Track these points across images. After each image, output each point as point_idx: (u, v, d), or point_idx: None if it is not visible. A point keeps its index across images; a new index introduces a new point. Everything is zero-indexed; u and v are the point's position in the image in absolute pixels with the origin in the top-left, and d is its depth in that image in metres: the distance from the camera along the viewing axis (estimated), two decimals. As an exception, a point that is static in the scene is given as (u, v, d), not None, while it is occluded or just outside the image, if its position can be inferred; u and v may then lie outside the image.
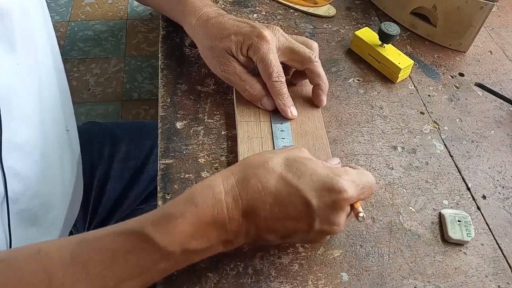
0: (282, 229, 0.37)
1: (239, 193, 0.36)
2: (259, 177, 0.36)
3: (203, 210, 0.35)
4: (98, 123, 0.79)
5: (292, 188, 0.36)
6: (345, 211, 0.37)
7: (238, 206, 0.35)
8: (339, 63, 0.62)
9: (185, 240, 0.34)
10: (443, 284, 0.42)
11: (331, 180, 0.36)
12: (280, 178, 0.36)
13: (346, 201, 0.37)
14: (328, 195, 0.36)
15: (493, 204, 0.49)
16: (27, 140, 0.47)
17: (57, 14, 1.87)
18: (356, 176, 0.38)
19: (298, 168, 0.36)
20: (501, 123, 0.58)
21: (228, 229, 0.36)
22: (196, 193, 0.35)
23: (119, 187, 0.73)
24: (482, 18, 0.61)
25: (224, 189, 0.35)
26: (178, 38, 0.62)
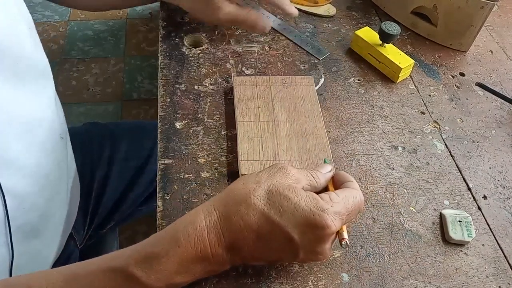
0: (268, 258, 0.38)
1: (222, 231, 0.36)
2: (241, 214, 0.36)
3: (186, 248, 0.35)
4: (98, 123, 0.79)
5: (274, 225, 0.35)
6: (329, 241, 0.37)
7: (221, 242, 0.36)
8: (340, 62, 0.62)
9: (169, 277, 0.35)
10: (444, 284, 0.42)
11: (313, 217, 0.35)
12: (261, 215, 0.36)
13: (330, 235, 0.36)
14: (312, 231, 0.35)
15: (494, 205, 0.49)
16: (19, 155, 0.47)
17: (57, 14, 1.87)
18: (341, 203, 0.37)
19: (281, 203, 0.36)
20: (502, 123, 0.58)
21: (212, 262, 0.36)
22: (179, 231, 0.36)
23: (119, 187, 0.73)
24: (483, 17, 0.61)
25: (206, 227, 0.36)
26: (178, 38, 0.62)
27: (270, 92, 0.55)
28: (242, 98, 0.53)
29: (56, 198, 0.56)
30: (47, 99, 0.53)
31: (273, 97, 0.54)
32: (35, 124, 0.49)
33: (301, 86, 0.55)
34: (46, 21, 1.83)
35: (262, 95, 0.54)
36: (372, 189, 0.49)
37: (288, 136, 0.50)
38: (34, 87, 0.49)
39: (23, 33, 0.46)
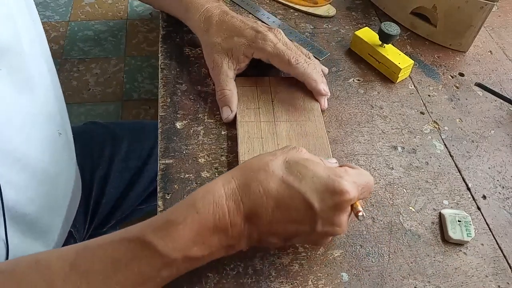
0: (285, 231, 0.37)
1: (241, 198, 0.35)
2: (260, 180, 0.36)
3: (205, 215, 0.34)
4: (98, 123, 0.79)
5: (294, 191, 0.35)
6: (347, 211, 0.37)
7: (240, 210, 0.35)
8: (339, 63, 0.62)
9: (187, 247, 0.34)
10: (443, 284, 0.42)
11: (333, 182, 0.36)
12: (281, 182, 0.36)
13: (348, 202, 0.36)
14: (331, 197, 0.36)
15: (493, 204, 0.49)
16: (19, 146, 0.47)
17: (57, 14, 1.87)
18: (356, 176, 0.38)
19: (299, 171, 0.36)
20: (501, 123, 0.58)
21: (230, 234, 0.35)
22: (197, 199, 0.35)
23: (120, 187, 0.73)
24: (482, 18, 0.61)
25: (225, 194, 0.35)
26: (178, 38, 0.62)
27: (270, 93, 0.55)
28: (242, 99, 0.53)
29: (55, 194, 0.56)
30: (46, 94, 0.53)
31: (273, 98, 0.54)
32: (35, 117, 0.50)
33: (301, 86, 0.55)
34: (47, 21, 1.83)
35: (263, 96, 0.54)
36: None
37: (288, 136, 0.50)
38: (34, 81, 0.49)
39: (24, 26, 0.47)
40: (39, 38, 0.53)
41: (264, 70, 0.58)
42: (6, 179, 0.45)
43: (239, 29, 0.53)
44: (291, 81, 0.56)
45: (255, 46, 0.52)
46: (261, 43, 0.52)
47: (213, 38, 0.53)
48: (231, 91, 0.52)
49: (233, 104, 0.52)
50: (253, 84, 0.55)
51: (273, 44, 0.52)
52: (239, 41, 0.52)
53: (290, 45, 0.53)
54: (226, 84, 0.52)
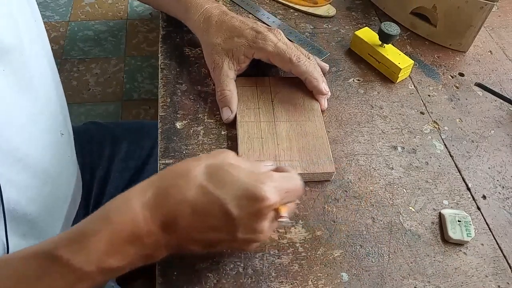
0: (205, 239, 0.36)
1: (157, 206, 0.34)
2: (180, 187, 0.35)
3: (118, 226, 0.33)
4: (98, 123, 0.79)
5: (213, 198, 0.34)
6: (268, 218, 0.36)
7: (156, 219, 0.34)
8: (339, 63, 0.62)
9: (100, 259, 0.33)
10: (443, 284, 0.42)
11: (252, 188, 0.35)
12: (200, 188, 0.35)
13: (268, 209, 0.35)
14: (250, 204, 0.34)
15: (493, 204, 0.49)
16: (20, 146, 0.47)
17: (57, 14, 1.87)
18: (280, 181, 0.37)
19: (221, 177, 0.35)
20: (501, 123, 0.58)
21: (146, 244, 0.34)
22: (111, 209, 0.34)
23: (120, 187, 0.73)
24: (482, 18, 0.61)
25: (140, 203, 0.34)
26: (178, 38, 0.62)
27: (270, 93, 0.55)
28: (242, 99, 0.53)
29: (56, 195, 0.56)
30: (48, 94, 0.53)
31: (273, 98, 0.54)
32: (36, 118, 0.50)
33: (301, 86, 0.55)
34: (47, 21, 1.83)
35: (262, 96, 0.54)
36: (372, 189, 0.49)
37: (288, 136, 0.50)
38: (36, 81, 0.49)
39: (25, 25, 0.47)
40: (40, 38, 0.53)
41: (264, 70, 0.58)
42: (7, 178, 0.45)
43: (239, 30, 0.53)
44: (291, 81, 0.56)
45: (255, 47, 0.52)
46: (262, 43, 0.52)
47: (213, 39, 0.53)
48: (231, 92, 0.52)
49: (233, 104, 0.52)
50: (253, 84, 0.56)
51: (274, 44, 0.52)
52: (239, 42, 0.52)
53: (290, 45, 0.53)
54: (226, 85, 0.52)
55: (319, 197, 0.48)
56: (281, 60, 0.52)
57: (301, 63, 0.52)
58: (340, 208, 0.47)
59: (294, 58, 0.52)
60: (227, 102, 0.52)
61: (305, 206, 0.47)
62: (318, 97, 0.54)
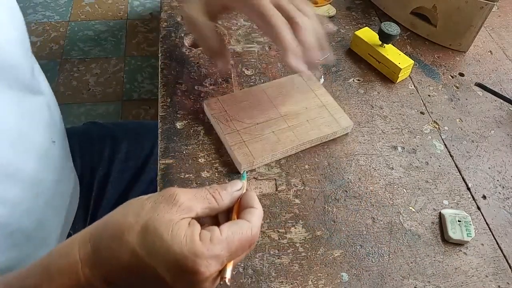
0: None
1: (95, 264, 0.33)
2: (113, 250, 0.33)
3: (59, 282, 0.33)
4: (98, 123, 0.79)
5: (146, 266, 0.33)
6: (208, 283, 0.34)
7: (96, 275, 0.33)
8: (339, 63, 0.62)
9: None
10: (443, 284, 0.42)
11: (185, 262, 0.32)
12: (133, 254, 0.33)
13: (204, 281, 0.33)
14: (183, 276, 0.33)
15: (493, 204, 0.49)
16: (10, 162, 0.46)
17: (57, 14, 1.87)
18: (224, 244, 0.33)
19: (154, 243, 0.33)
20: (501, 123, 0.58)
21: None
22: (52, 264, 0.34)
23: (120, 187, 0.73)
24: (482, 18, 0.61)
25: (80, 259, 0.33)
26: (178, 38, 0.62)
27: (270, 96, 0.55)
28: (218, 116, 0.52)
29: (53, 203, 0.55)
30: (38, 105, 0.52)
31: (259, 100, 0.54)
32: (25, 130, 0.48)
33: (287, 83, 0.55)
34: (47, 21, 1.83)
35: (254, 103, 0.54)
36: (372, 189, 0.49)
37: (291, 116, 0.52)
38: (23, 94, 0.48)
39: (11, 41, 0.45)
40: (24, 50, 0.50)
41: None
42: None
43: None
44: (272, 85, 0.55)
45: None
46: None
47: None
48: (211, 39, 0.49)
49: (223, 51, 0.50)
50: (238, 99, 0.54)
51: None
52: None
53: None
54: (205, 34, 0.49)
55: (319, 197, 0.48)
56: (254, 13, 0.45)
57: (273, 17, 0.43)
58: (340, 208, 0.47)
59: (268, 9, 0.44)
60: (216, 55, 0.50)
61: (305, 206, 0.47)
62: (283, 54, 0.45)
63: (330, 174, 0.49)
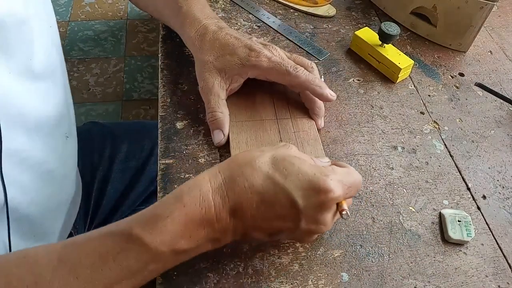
0: (269, 227, 0.38)
1: (226, 192, 0.36)
2: (246, 175, 0.36)
3: (191, 209, 0.35)
4: (98, 123, 0.79)
5: (279, 188, 0.36)
6: (332, 210, 0.37)
7: (226, 204, 0.35)
8: (339, 63, 0.62)
9: (174, 240, 0.34)
10: (443, 284, 0.43)
11: (318, 180, 0.36)
12: (266, 177, 0.36)
13: (333, 201, 0.36)
14: (315, 195, 0.36)
15: (493, 204, 0.49)
16: (25, 147, 0.47)
17: (57, 14, 1.87)
18: (344, 175, 0.38)
19: (286, 167, 0.36)
20: (501, 123, 0.58)
21: (216, 228, 0.36)
22: (184, 193, 0.36)
23: (120, 187, 0.73)
24: (482, 18, 0.61)
25: (211, 188, 0.36)
26: (178, 38, 0.62)
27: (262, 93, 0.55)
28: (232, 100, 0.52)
29: (57, 196, 0.56)
30: (57, 98, 0.53)
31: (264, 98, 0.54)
32: (43, 121, 0.50)
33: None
34: (47, 21, 1.83)
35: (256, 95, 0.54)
36: (372, 189, 0.49)
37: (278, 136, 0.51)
38: (45, 85, 0.49)
39: (39, 31, 0.47)
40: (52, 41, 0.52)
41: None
42: (11, 179, 0.45)
43: (232, 47, 0.50)
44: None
45: (248, 65, 0.49)
46: (255, 60, 0.49)
47: (205, 56, 0.51)
48: (222, 114, 0.50)
49: (226, 127, 0.50)
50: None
51: (268, 59, 0.49)
52: (232, 60, 0.50)
53: (286, 58, 0.51)
54: (217, 106, 0.50)
55: (319, 197, 0.48)
56: (278, 73, 0.50)
57: (299, 72, 0.49)
58: (340, 208, 0.47)
59: (291, 69, 0.49)
60: (218, 124, 0.50)
61: (305, 206, 0.47)
62: (314, 116, 0.52)
63: (330, 174, 0.49)
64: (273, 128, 0.51)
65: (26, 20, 0.44)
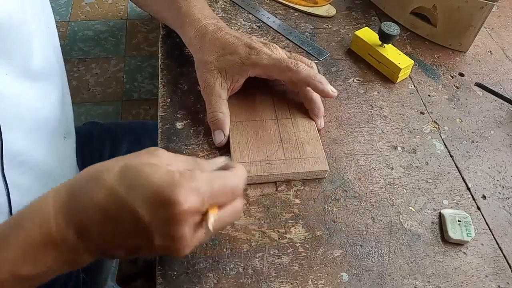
0: (123, 245, 0.34)
1: (69, 211, 0.32)
2: (89, 190, 0.32)
3: (31, 232, 0.31)
4: (98, 124, 0.79)
5: (122, 202, 0.31)
6: (188, 223, 0.32)
7: (69, 224, 0.32)
8: (339, 63, 0.62)
9: (14, 266, 0.31)
10: (443, 284, 0.43)
11: (163, 191, 0.31)
12: (110, 191, 0.31)
13: (183, 214, 0.31)
14: (162, 208, 0.31)
15: (493, 204, 0.49)
16: (25, 149, 0.47)
17: (57, 14, 1.87)
18: (206, 181, 0.32)
19: (133, 178, 0.32)
20: (501, 123, 0.58)
21: (63, 250, 0.32)
22: (23, 213, 0.33)
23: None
24: (482, 18, 0.61)
25: (53, 208, 0.32)
26: (178, 38, 0.62)
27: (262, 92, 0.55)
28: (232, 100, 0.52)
29: None
30: (55, 98, 0.53)
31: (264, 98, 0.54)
32: (42, 122, 0.50)
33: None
34: (47, 21, 1.83)
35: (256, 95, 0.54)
36: (372, 189, 0.49)
37: (279, 136, 0.50)
38: (44, 86, 0.49)
39: (37, 32, 0.46)
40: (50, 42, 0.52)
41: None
42: (12, 181, 0.45)
43: (232, 46, 0.50)
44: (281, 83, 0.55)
45: (249, 63, 0.49)
46: (255, 58, 0.49)
47: (206, 56, 0.51)
48: (223, 114, 0.50)
49: (226, 128, 0.49)
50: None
51: (268, 56, 0.49)
52: (232, 60, 0.50)
53: (285, 55, 0.51)
54: (218, 106, 0.50)
55: (319, 197, 0.48)
56: (279, 70, 0.49)
57: (300, 68, 0.49)
58: (340, 208, 0.47)
59: (292, 65, 0.49)
60: (219, 125, 0.49)
61: (305, 206, 0.47)
62: (314, 117, 0.52)
63: (330, 174, 0.49)
64: (273, 128, 0.51)
65: (23, 21, 0.44)
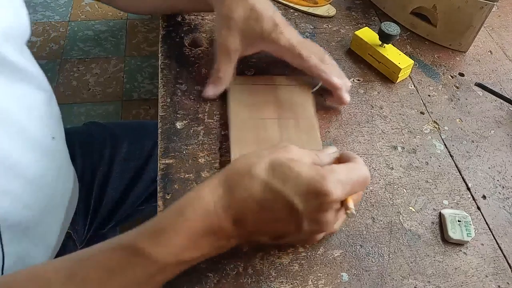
0: (273, 231, 0.38)
1: (228, 203, 0.36)
2: (245, 185, 0.36)
3: (194, 222, 0.35)
4: (98, 123, 0.79)
5: (277, 194, 0.36)
6: (333, 210, 0.37)
7: (227, 215, 0.36)
8: (339, 63, 0.62)
9: (179, 252, 0.35)
10: (443, 284, 0.43)
11: (315, 184, 0.36)
12: (265, 185, 0.36)
13: (332, 202, 0.36)
14: (314, 199, 0.36)
15: (493, 204, 0.49)
16: (11, 154, 0.46)
17: (57, 14, 1.87)
18: (345, 173, 0.37)
19: (283, 172, 0.36)
20: (501, 123, 0.58)
21: (219, 237, 0.36)
22: (185, 206, 0.36)
23: (120, 187, 0.73)
24: (482, 18, 0.61)
25: (213, 201, 0.36)
26: (178, 38, 0.62)
27: (265, 92, 0.55)
28: (235, 97, 0.53)
29: (52, 200, 0.55)
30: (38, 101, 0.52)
31: (267, 97, 0.54)
32: (26, 123, 0.49)
33: (297, 86, 0.55)
34: (47, 21, 1.83)
35: (259, 94, 0.54)
36: (372, 188, 0.49)
37: (280, 133, 0.50)
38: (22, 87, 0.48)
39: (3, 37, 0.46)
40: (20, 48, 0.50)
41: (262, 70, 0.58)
42: (2, 188, 0.45)
43: (259, 13, 0.49)
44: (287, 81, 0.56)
45: (268, 39, 0.50)
46: (275, 35, 0.50)
47: (230, 12, 0.49)
48: (224, 75, 0.52)
49: (221, 88, 0.52)
50: (250, 83, 0.55)
51: (287, 39, 0.51)
52: (255, 27, 0.50)
53: (303, 42, 0.52)
54: (225, 68, 0.52)
55: (319, 197, 0.48)
56: (292, 55, 0.51)
57: (311, 58, 0.51)
58: (340, 208, 0.47)
59: (305, 53, 0.50)
60: (216, 82, 0.52)
61: (305, 206, 0.47)
62: (335, 92, 0.53)
63: (330, 174, 0.49)
64: (274, 128, 0.51)
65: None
